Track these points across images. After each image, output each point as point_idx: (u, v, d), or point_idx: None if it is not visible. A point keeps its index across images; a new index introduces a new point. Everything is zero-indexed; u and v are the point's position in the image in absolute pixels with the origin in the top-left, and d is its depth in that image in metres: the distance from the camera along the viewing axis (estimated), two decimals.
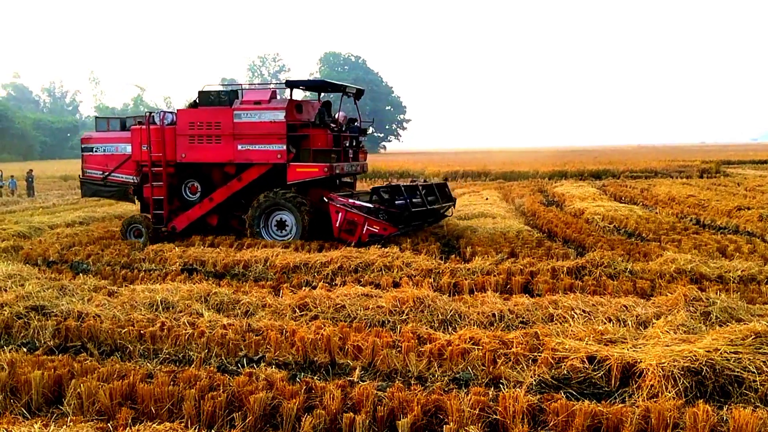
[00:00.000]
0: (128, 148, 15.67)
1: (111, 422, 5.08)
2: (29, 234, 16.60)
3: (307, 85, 15.71)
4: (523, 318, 8.00)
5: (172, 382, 5.68)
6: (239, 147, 14.57)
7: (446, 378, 6.27)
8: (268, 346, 7.13)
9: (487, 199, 23.25)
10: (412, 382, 6.15)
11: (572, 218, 17.71)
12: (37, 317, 8.18)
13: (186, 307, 8.58)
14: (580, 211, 19.09)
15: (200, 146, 14.85)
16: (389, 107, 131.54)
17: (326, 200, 14.17)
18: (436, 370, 6.46)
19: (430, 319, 8.03)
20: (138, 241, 14.85)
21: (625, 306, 8.11)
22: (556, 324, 7.61)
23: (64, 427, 4.75)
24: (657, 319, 7.44)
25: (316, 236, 14.33)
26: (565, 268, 10.50)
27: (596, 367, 6.21)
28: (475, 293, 9.35)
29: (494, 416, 5.11)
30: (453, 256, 12.31)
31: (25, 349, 7.30)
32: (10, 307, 8.40)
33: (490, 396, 5.40)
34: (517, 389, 5.50)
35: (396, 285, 9.99)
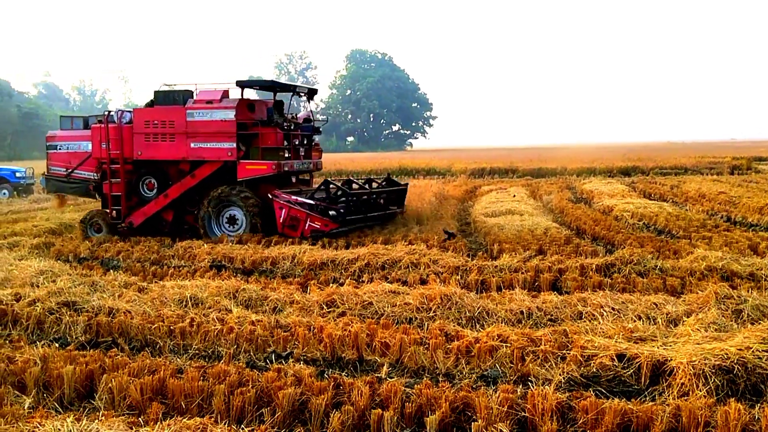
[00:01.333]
0: (89, 146, 16.17)
1: (142, 417, 5.13)
2: (60, 231, 16.85)
3: (258, 85, 16.00)
4: (552, 315, 7.95)
5: (201, 378, 5.72)
6: (192, 145, 15.07)
7: (474, 375, 6.26)
8: (296, 343, 7.16)
9: (514, 196, 23.12)
10: (440, 379, 6.14)
11: (601, 215, 17.57)
12: (68, 313, 8.28)
13: (215, 303, 8.65)
14: (609, 208, 18.94)
15: (155, 144, 15.36)
16: (415, 104, 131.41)
17: (270, 197, 14.71)
18: (463, 368, 6.45)
19: (457, 317, 8.01)
20: (98, 235, 15.43)
21: (655, 304, 8.04)
22: (585, 321, 7.56)
23: (96, 421, 4.80)
24: (688, 317, 7.36)
25: (270, 232, 14.76)
26: (594, 266, 10.42)
27: (626, 365, 6.16)
28: (503, 290, 9.31)
29: (523, 414, 5.08)
30: (480, 253, 12.28)
31: (57, 345, 7.39)
32: (43, 303, 8.50)
33: (519, 393, 5.38)
34: (546, 387, 5.47)
35: (423, 282, 9.99)
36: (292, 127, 15.95)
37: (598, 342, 6.53)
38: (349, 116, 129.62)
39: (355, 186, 16.20)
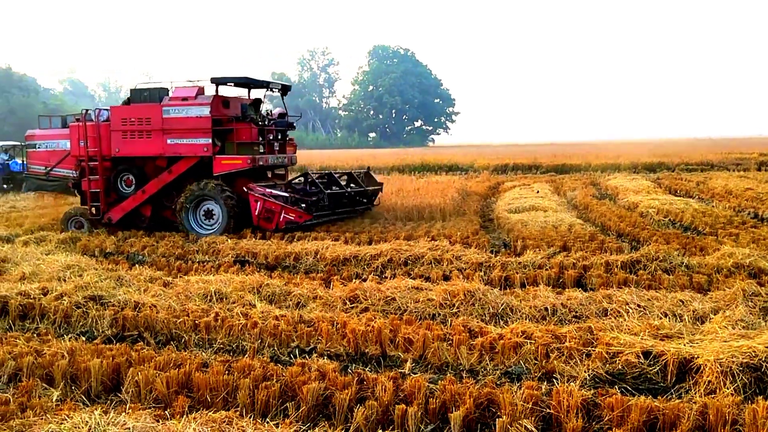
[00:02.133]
0: (68, 144, 16.48)
1: (168, 410, 5.17)
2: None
3: (232, 81, 16.23)
4: (577, 312, 7.91)
5: (226, 372, 5.76)
6: (168, 141, 15.40)
7: (498, 372, 6.24)
8: (320, 338, 7.18)
9: (538, 192, 23.00)
10: (464, 375, 6.13)
11: (626, 212, 17.45)
12: (95, 307, 8.36)
13: (239, 298, 8.70)
14: (634, 204, 18.78)
15: (132, 141, 15.66)
16: (438, 100, 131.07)
17: (246, 190, 15.17)
18: (487, 364, 6.43)
19: (481, 313, 8.00)
20: (79, 232, 15.60)
21: (681, 301, 7.97)
22: (610, 318, 7.50)
23: (123, 414, 4.85)
24: (714, 315, 7.30)
25: (245, 225, 15.18)
26: (619, 262, 10.35)
27: (652, 363, 6.12)
28: (527, 287, 9.28)
29: (548, 410, 5.06)
30: (504, 249, 12.23)
31: (84, 338, 7.48)
32: (69, 297, 8.59)
33: (544, 390, 5.35)
34: (571, 384, 5.45)
35: (446, 278, 9.98)
36: (267, 123, 16.39)
37: (624, 339, 6.48)
38: (371, 112, 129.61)
39: (333, 180, 16.82)
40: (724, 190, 21.88)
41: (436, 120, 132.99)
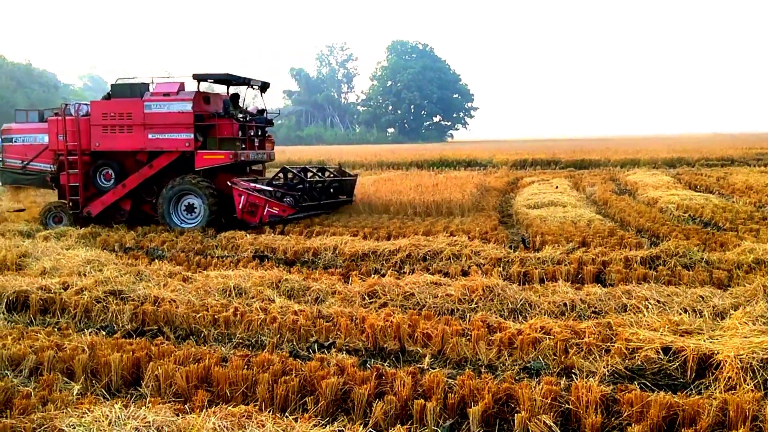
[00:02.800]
0: (45, 138, 16.54)
1: (188, 404, 5.20)
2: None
3: (213, 78, 16.44)
4: (596, 308, 7.88)
5: (245, 366, 5.78)
6: (150, 136, 15.53)
7: (517, 367, 6.23)
8: (339, 333, 7.20)
9: (557, 187, 22.90)
10: (483, 370, 6.13)
11: (645, 207, 17.33)
12: (115, 301, 8.42)
13: (258, 293, 8.73)
14: (654, 200, 18.65)
15: (113, 135, 15.79)
16: (456, 95, 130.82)
17: (230, 184, 15.34)
18: (506, 359, 6.42)
19: (499, 308, 7.98)
20: (57, 227, 15.66)
21: (701, 296, 7.91)
22: (629, 314, 7.47)
23: (144, 408, 4.88)
24: (735, 311, 7.23)
25: (225, 219, 15.70)
26: (638, 258, 10.28)
27: (671, 358, 6.09)
28: (546, 282, 9.25)
29: (566, 406, 5.05)
30: (523, 245, 12.19)
31: (104, 333, 7.54)
32: (90, 292, 8.66)
33: (562, 386, 5.34)
34: (590, 379, 5.43)
35: (465, 274, 9.97)
36: (247, 119, 16.61)
37: (643, 335, 6.45)
38: (390, 108, 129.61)
39: (309, 174, 17.17)
40: (745, 185, 21.68)
41: (454, 115, 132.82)
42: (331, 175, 17.92)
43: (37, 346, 6.57)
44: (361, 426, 4.77)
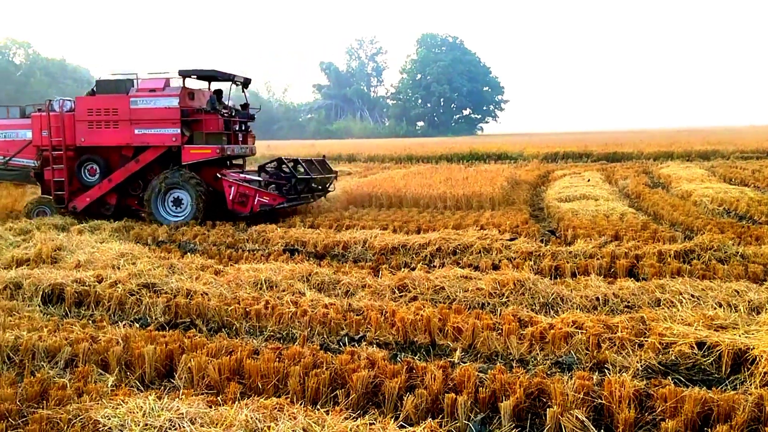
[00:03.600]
0: (28, 134, 16.69)
1: (220, 396, 5.24)
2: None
3: (198, 74, 16.52)
4: (629, 302, 7.81)
5: (277, 359, 5.81)
6: (136, 131, 15.74)
7: (548, 361, 6.19)
8: (369, 326, 7.21)
9: (588, 180, 22.71)
10: (514, 364, 6.09)
11: (679, 200, 17.13)
12: (148, 294, 8.52)
13: (288, 287, 8.77)
14: (688, 193, 18.41)
15: (99, 131, 15.94)
16: (487, 88, 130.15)
17: (219, 176, 15.74)
18: (537, 354, 6.39)
19: (531, 302, 7.94)
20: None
21: (736, 291, 7.81)
22: (663, 309, 7.38)
23: (177, 400, 4.93)
24: None
25: (213, 212, 15.82)
26: (672, 252, 10.16)
27: (706, 353, 6.02)
28: (578, 276, 9.19)
29: (599, 401, 5.01)
30: (554, 238, 12.11)
31: (137, 325, 7.61)
32: (123, 285, 8.76)
33: (595, 380, 5.29)
34: (623, 374, 5.38)
35: (495, 267, 9.92)
36: (233, 114, 16.89)
37: (677, 329, 6.39)
38: (419, 101, 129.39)
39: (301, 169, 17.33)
40: None
41: (484, 108, 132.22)
42: (319, 173, 18.03)
43: (72, 338, 6.66)
44: (392, 419, 4.77)
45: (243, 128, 17.28)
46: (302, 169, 16.80)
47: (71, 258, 10.73)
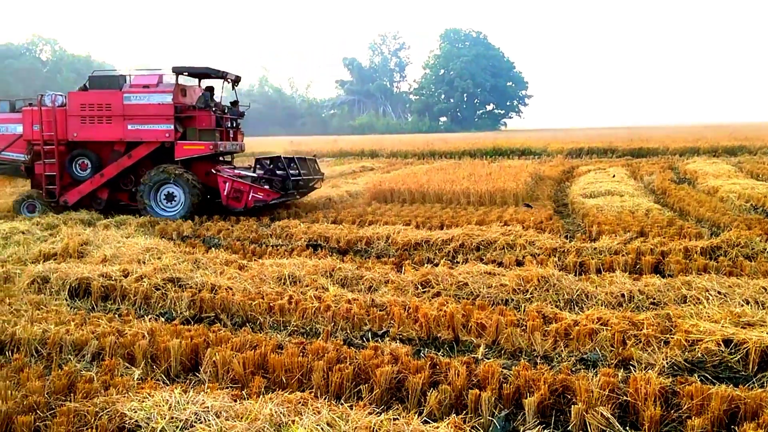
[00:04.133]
0: (19, 128, 16.73)
1: (245, 390, 5.27)
2: None
3: (191, 71, 16.65)
4: (654, 299, 7.74)
5: (301, 354, 5.84)
6: (129, 127, 15.93)
7: (573, 358, 6.16)
8: (392, 322, 7.21)
9: (614, 176, 22.56)
10: (538, 361, 6.07)
11: (705, 196, 16.96)
12: (173, 289, 8.57)
13: (312, 282, 8.79)
14: (714, 189, 18.23)
15: (92, 126, 16.09)
16: (510, 83, 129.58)
17: (214, 172, 16.06)
18: (562, 350, 6.36)
19: (555, 299, 7.90)
20: (31, 215, 15.96)
21: (764, 288, 7.71)
22: (689, 305, 7.32)
23: (202, 393, 4.96)
24: None
25: (205, 207, 16.13)
26: (698, 248, 10.07)
27: (733, 351, 5.96)
28: (603, 273, 9.12)
29: (624, 398, 4.98)
30: (578, 234, 12.05)
31: (163, 319, 7.67)
32: (149, 279, 8.83)
33: (620, 377, 5.27)
34: (649, 371, 5.34)
35: (519, 263, 9.88)
36: (225, 111, 17.09)
37: (704, 326, 6.33)
38: (442, 96, 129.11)
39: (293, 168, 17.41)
40: None
41: (508, 104, 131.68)
42: (309, 172, 18.09)
43: (98, 331, 6.73)
44: (416, 415, 4.76)
45: (233, 125, 17.53)
46: (295, 169, 16.92)
47: (97, 253, 10.83)
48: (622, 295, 7.81)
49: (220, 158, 17.60)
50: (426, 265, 9.93)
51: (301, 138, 71.31)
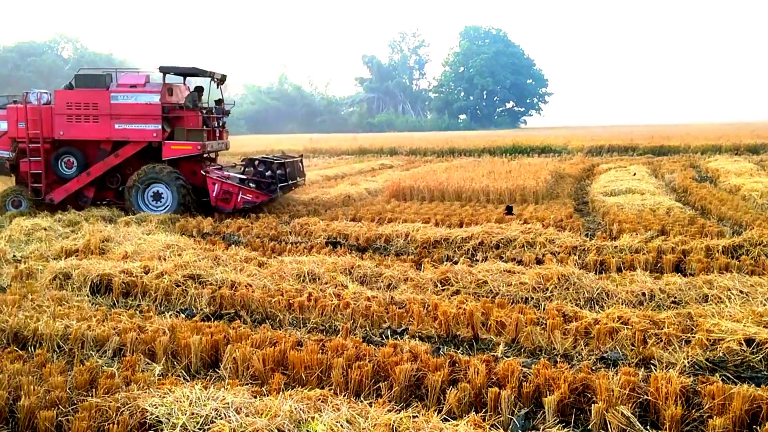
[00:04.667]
0: (3, 125, 16.64)
1: (265, 386, 5.29)
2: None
3: (179, 71, 16.69)
4: (675, 298, 7.69)
5: (320, 351, 5.85)
6: (116, 126, 15.97)
7: (593, 357, 6.14)
8: (411, 319, 7.21)
9: (634, 174, 22.40)
10: (558, 359, 6.05)
11: (727, 195, 16.81)
12: (194, 285, 8.63)
13: (331, 279, 8.81)
14: (736, 187, 18.07)
15: (78, 124, 16.08)
16: (530, 81, 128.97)
17: (203, 173, 16.11)
18: (582, 349, 6.33)
19: (575, 297, 7.87)
20: (15, 211, 16.07)
21: None
22: (710, 305, 7.26)
23: (222, 389, 4.99)
24: None
25: (187, 207, 16.02)
26: (720, 247, 9.98)
27: (755, 350, 5.91)
28: (623, 271, 9.07)
29: (645, 397, 4.95)
30: (599, 233, 11.98)
31: (183, 315, 7.71)
32: (170, 276, 8.88)
33: (641, 377, 5.23)
34: (670, 370, 5.31)
35: (539, 262, 9.85)
36: (213, 111, 17.15)
37: (725, 326, 6.28)
38: (462, 94, 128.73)
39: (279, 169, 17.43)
40: None
41: (528, 101, 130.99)
42: (294, 174, 18.16)
43: (120, 327, 6.78)
44: (435, 413, 4.76)
45: (219, 124, 17.60)
46: (282, 171, 16.96)
47: (119, 249, 10.91)
48: (643, 294, 7.76)
49: (204, 155, 17.67)
50: (445, 263, 9.92)
51: (320, 135, 71.38)
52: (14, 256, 10.97)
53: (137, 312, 7.78)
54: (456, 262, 9.74)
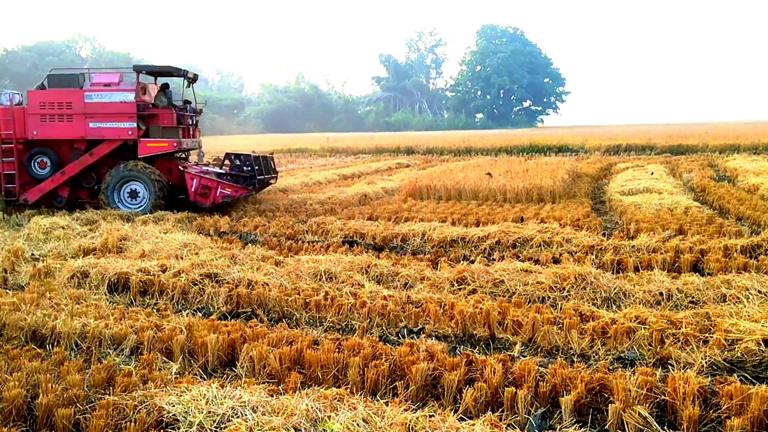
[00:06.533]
0: None
1: (281, 385, 5.31)
2: None
3: (152, 69, 16.83)
4: (693, 297, 7.64)
5: (337, 350, 5.86)
6: (91, 125, 15.96)
7: (611, 357, 6.11)
8: (428, 318, 7.21)
9: (652, 173, 22.27)
10: (575, 359, 6.04)
11: (746, 194, 16.67)
12: (210, 284, 8.65)
13: (348, 278, 8.81)
14: (755, 186, 17.91)
15: (52, 124, 16.06)
16: (547, 79, 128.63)
17: (181, 169, 16.40)
18: (599, 349, 6.30)
19: (592, 297, 7.83)
20: None
21: None
22: (729, 304, 7.21)
23: (239, 388, 5.01)
24: None
25: (169, 203, 16.26)
26: (738, 247, 9.91)
27: None
28: (641, 271, 9.02)
29: (662, 397, 4.93)
30: (616, 232, 11.93)
31: (200, 314, 7.75)
32: (187, 274, 8.92)
33: (658, 377, 5.21)
34: (688, 371, 5.28)
35: (556, 261, 9.82)
36: (187, 109, 17.29)
37: (744, 326, 6.23)
38: (479, 93, 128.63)
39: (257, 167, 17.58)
40: None
41: (545, 100, 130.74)
42: (268, 171, 18.25)
43: (137, 326, 6.82)
44: (452, 412, 4.76)
45: (193, 122, 17.72)
46: (259, 167, 17.09)
47: (136, 248, 10.97)
48: (661, 294, 7.72)
49: (176, 155, 17.77)
50: (462, 262, 9.89)
51: (337, 134, 71.49)
52: (33, 254, 11.07)
53: (154, 310, 7.82)
54: (473, 262, 9.72)
